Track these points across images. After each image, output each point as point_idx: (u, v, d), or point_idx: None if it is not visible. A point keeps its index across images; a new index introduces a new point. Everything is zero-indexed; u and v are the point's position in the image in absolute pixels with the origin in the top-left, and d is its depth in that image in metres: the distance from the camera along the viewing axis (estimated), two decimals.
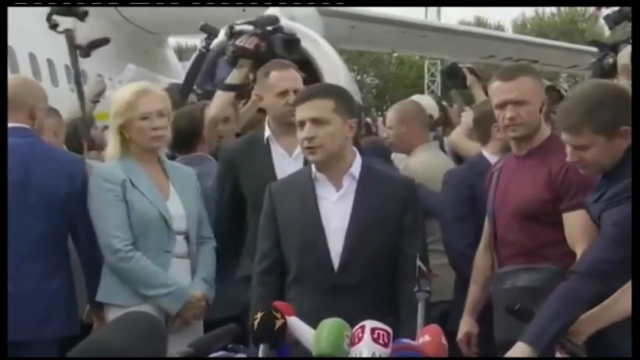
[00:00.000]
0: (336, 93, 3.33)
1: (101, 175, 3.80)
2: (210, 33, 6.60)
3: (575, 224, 3.33)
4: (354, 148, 3.36)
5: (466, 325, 3.75)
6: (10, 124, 3.85)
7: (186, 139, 4.57)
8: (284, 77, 4.08)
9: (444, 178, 4.26)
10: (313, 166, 3.30)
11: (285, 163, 3.93)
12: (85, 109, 5.74)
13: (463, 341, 3.74)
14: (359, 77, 38.72)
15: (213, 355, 2.59)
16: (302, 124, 3.24)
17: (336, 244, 3.21)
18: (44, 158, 3.84)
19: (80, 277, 3.94)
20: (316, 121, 3.20)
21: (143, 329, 1.36)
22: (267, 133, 4.05)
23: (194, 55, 6.84)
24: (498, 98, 3.52)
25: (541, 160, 3.48)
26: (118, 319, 1.38)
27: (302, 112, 3.24)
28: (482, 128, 4.35)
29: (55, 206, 3.79)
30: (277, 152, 4.01)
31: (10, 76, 4.35)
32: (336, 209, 3.25)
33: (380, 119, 7.81)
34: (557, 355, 2.98)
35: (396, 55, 37.42)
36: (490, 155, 4.21)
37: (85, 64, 13.36)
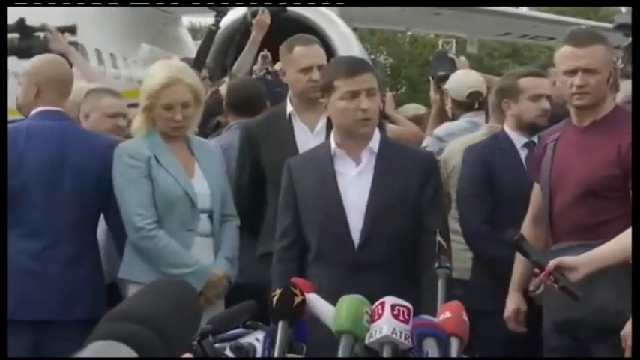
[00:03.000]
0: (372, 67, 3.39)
1: (126, 152, 3.78)
2: (220, 11, 6.63)
3: None
4: None
5: (514, 301, 3.66)
6: (45, 107, 3.86)
7: (248, 105, 4.68)
8: (308, 53, 4.04)
9: (464, 155, 4.21)
10: (333, 141, 3.28)
11: (307, 139, 3.91)
12: None
13: (511, 318, 3.66)
14: (372, 56, 38.55)
15: (231, 332, 2.57)
16: (355, 95, 3.20)
17: (356, 221, 3.20)
18: (78, 141, 3.85)
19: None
20: (370, 93, 3.20)
21: (175, 296, 1.34)
22: (289, 108, 4.02)
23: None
24: (568, 64, 3.38)
25: (608, 133, 3.34)
26: (148, 286, 1.36)
27: (356, 84, 3.20)
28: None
29: (87, 189, 3.81)
30: (299, 128, 3.99)
31: (43, 57, 4.29)
32: (355, 185, 3.24)
33: (390, 94, 7.64)
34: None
35: (409, 33, 37.21)
36: (510, 131, 4.15)
37: (99, 42, 13.37)
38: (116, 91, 4.60)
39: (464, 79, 5.37)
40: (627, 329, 3.12)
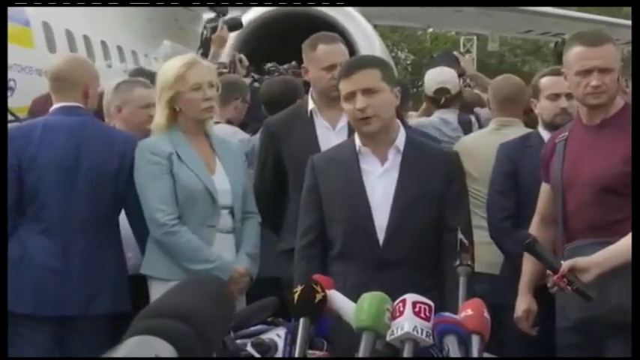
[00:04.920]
0: (381, 62, 3.33)
1: (148, 148, 3.78)
2: (220, 11, 6.75)
3: None
4: (398, 121, 3.33)
5: (524, 302, 3.65)
6: (62, 103, 3.89)
7: (282, 102, 4.67)
8: (331, 51, 4.03)
9: (497, 151, 4.27)
10: (357, 139, 3.28)
11: (329, 136, 3.91)
12: None
13: (523, 318, 3.65)
14: (393, 53, 38.48)
15: (252, 328, 2.58)
16: (352, 95, 3.20)
17: (381, 219, 3.20)
18: (95, 137, 3.86)
19: None
20: (368, 91, 3.18)
21: (210, 292, 1.35)
22: (311, 105, 4.03)
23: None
24: (583, 64, 3.36)
25: (620, 131, 3.33)
26: (183, 283, 1.37)
27: (351, 84, 3.20)
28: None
29: (104, 184, 3.82)
30: (321, 125, 3.99)
31: (64, 55, 4.40)
32: (380, 183, 3.23)
33: None
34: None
35: (430, 30, 37.13)
36: (541, 129, 4.21)
37: (121, 39, 13.39)
38: (145, 80, 4.61)
39: (435, 76, 5.59)
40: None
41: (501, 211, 4.05)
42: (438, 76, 5.56)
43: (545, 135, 4.10)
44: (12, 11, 9.53)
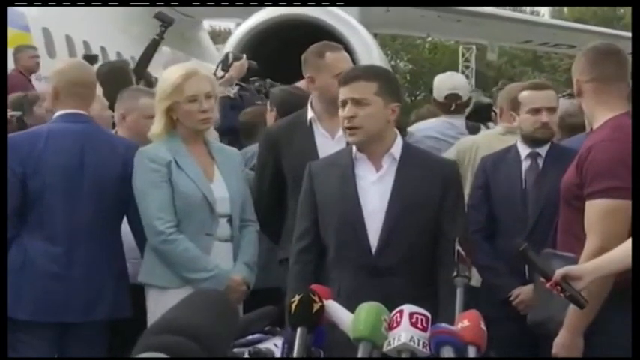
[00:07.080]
0: (382, 76, 3.32)
1: (147, 156, 3.78)
2: (165, 21, 6.68)
3: (588, 214, 3.18)
4: (396, 130, 3.34)
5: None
6: (66, 110, 3.89)
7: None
8: (340, 59, 4.04)
9: None
10: (354, 146, 3.30)
11: (328, 145, 3.91)
12: None
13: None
14: (392, 62, 38.53)
15: (249, 337, 2.59)
16: (344, 103, 3.25)
17: (374, 226, 3.21)
18: (98, 144, 3.86)
19: None
20: (357, 102, 3.21)
21: (215, 306, 1.36)
22: (310, 114, 4.03)
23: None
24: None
25: (588, 142, 3.34)
26: (188, 297, 1.38)
27: (345, 93, 3.25)
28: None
29: (107, 191, 3.82)
30: (320, 134, 4.00)
31: (68, 61, 4.37)
32: (374, 190, 3.24)
33: None
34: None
35: (429, 39, 37.22)
36: (519, 142, 4.19)
37: (120, 46, 13.46)
38: (151, 90, 4.61)
39: (446, 81, 5.54)
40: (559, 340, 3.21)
41: (472, 224, 4.03)
42: (449, 82, 5.51)
43: (523, 149, 4.12)
44: (12, 16, 9.55)
